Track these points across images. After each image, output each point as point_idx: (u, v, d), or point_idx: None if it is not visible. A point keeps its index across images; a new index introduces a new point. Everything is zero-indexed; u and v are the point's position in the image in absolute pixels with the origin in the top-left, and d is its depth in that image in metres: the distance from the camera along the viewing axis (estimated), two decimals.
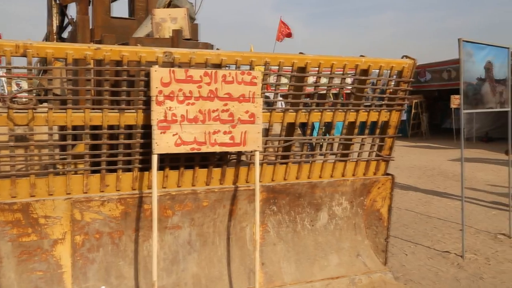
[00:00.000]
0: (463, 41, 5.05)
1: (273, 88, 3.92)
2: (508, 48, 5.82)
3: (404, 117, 19.34)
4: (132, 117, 3.31)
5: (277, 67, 3.65)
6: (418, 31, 74.45)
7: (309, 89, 3.95)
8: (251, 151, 3.63)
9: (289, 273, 4.03)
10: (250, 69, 3.50)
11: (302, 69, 3.74)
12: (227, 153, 3.69)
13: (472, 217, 6.87)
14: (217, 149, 3.41)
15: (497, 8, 72.24)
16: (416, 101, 20.49)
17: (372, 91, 4.16)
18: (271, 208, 4.06)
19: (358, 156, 4.27)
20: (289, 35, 17.61)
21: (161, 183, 3.52)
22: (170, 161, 3.49)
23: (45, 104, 3.17)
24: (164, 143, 3.22)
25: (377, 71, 4.00)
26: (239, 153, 3.74)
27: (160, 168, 3.44)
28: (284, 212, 4.13)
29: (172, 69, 3.23)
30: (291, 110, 3.81)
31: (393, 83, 4.14)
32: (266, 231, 4.07)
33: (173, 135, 3.23)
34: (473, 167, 11.41)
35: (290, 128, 3.90)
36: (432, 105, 22.43)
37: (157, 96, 3.17)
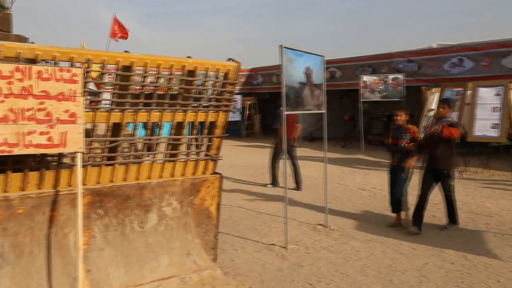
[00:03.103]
0: (284, 47, 5.46)
1: (109, 87, 3.77)
2: (323, 56, 6.45)
3: (238, 117, 20.23)
4: None
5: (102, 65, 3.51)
6: (253, 36, 78.49)
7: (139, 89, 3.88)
8: (73, 153, 3.42)
9: (117, 278, 3.90)
10: (70, 66, 3.30)
11: (128, 68, 3.65)
12: (47, 155, 3.43)
13: (296, 211, 7.47)
14: (32, 151, 3.14)
15: (320, 19, 79.83)
16: (250, 102, 21.55)
17: (199, 92, 4.25)
18: (97, 212, 3.89)
19: (187, 156, 4.32)
20: (124, 34, 17.01)
21: None
22: None
23: None
24: None
25: (204, 72, 4.09)
26: (61, 155, 3.50)
27: None
28: (111, 215, 3.99)
29: None
30: (117, 110, 3.69)
31: (219, 84, 4.29)
32: (92, 236, 3.89)
33: None
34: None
35: (116, 128, 3.78)
36: (264, 107, 23.82)
37: None
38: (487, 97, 10.47)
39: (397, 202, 6.56)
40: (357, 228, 6.54)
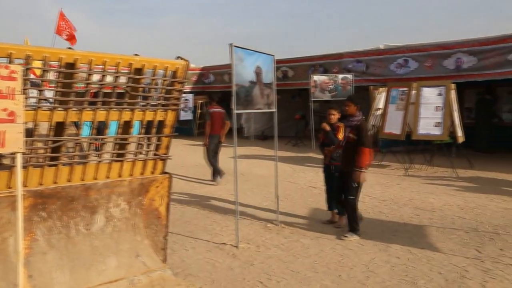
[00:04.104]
0: (234, 46, 5.45)
1: (53, 85, 3.63)
2: (273, 55, 6.49)
3: (190, 116, 20.06)
4: None
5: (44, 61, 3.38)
6: (204, 35, 77.93)
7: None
8: (12, 153, 3.28)
9: (62, 283, 3.77)
10: (8, 63, 3.16)
11: (71, 66, 3.53)
12: None
13: (247, 209, 7.49)
14: None
15: (270, 19, 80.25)
16: (201, 101, 21.38)
17: (147, 91, 4.18)
18: (40, 215, 3.75)
19: (135, 156, 4.24)
20: (72, 35, 16.36)
21: None
22: None
23: None
24: None
25: (152, 70, 4.02)
26: None
27: None
28: (55, 217, 3.85)
29: None
30: (60, 109, 3.57)
31: (167, 83, 4.22)
32: (35, 239, 3.74)
33: None
34: (250, 163, 12.46)
35: (59, 128, 3.65)
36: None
37: None
38: (430, 96, 10.89)
39: (337, 203, 6.65)
40: (307, 225, 6.63)
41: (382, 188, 9.29)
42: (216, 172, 10.09)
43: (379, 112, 12.19)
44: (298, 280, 4.63)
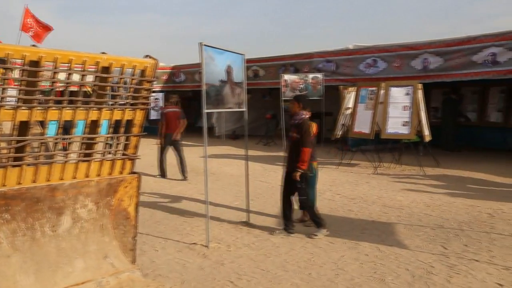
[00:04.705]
0: (204, 45, 5.43)
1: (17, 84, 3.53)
2: (243, 54, 6.49)
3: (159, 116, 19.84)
4: None
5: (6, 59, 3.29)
6: (176, 35, 77.19)
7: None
8: None
9: (26, 286, 3.69)
10: None
11: (36, 63, 3.45)
12: None
13: (218, 208, 7.47)
14: None
15: (244, 19, 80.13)
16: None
17: (116, 90, 4.12)
18: (3, 216, 3.64)
19: (103, 156, 4.17)
20: (40, 32, 15.95)
21: None
22: None
23: None
24: None
25: (120, 69, 3.96)
26: None
27: None
28: (19, 219, 3.75)
29: None
30: (24, 108, 3.48)
31: (136, 82, 4.17)
32: None
33: None
34: (221, 163, 12.43)
35: (23, 127, 3.55)
36: (187, 105, 23.52)
37: None
38: (398, 96, 11.08)
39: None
40: (278, 224, 6.64)
41: (352, 187, 9.41)
42: (162, 171, 10.77)
43: (349, 111, 12.33)
44: (268, 279, 4.64)
